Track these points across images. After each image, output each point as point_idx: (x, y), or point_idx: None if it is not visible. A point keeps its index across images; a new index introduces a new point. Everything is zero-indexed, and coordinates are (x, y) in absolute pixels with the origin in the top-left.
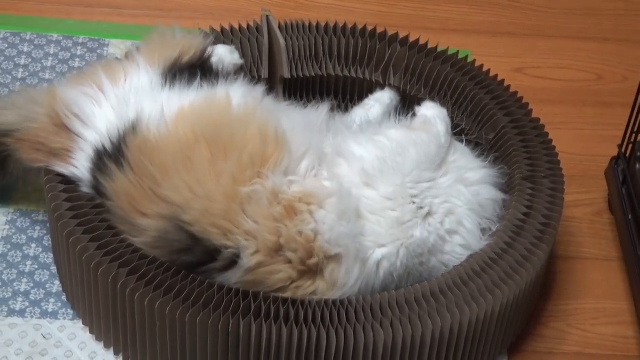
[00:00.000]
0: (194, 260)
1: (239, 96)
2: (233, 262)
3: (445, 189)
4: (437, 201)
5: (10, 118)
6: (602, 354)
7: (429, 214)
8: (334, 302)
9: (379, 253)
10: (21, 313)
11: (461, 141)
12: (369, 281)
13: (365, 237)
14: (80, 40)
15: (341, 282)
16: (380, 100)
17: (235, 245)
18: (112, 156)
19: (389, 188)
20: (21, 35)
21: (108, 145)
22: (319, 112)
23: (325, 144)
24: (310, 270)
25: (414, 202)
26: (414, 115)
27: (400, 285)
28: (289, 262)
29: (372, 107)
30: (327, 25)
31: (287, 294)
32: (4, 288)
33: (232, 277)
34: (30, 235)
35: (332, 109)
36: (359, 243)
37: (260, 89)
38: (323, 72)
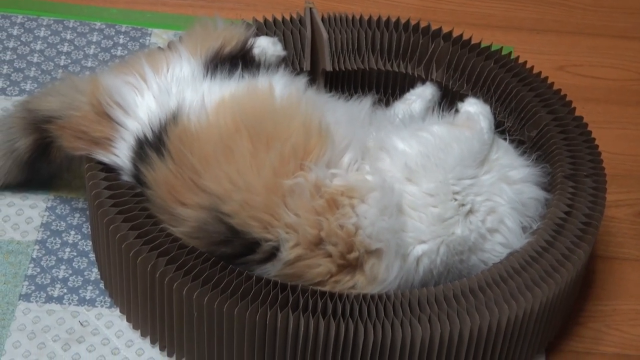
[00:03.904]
0: (233, 252)
1: (281, 86)
2: (272, 254)
3: (487, 186)
4: (479, 199)
5: (54, 105)
6: None
7: (470, 212)
8: (372, 296)
9: (419, 249)
10: (59, 300)
11: (504, 139)
12: (408, 277)
13: (406, 233)
14: (123, 29)
15: (381, 277)
16: (422, 95)
17: (275, 238)
18: (153, 145)
19: (430, 184)
20: (64, 22)
21: (149, 135)
22: (361, 106)
23: (368, 137)
24: (350, 265)
25: (455, 199)
26: (457, 111)
27: (439, 283)
28: (329, 255)
29: (413, 102)
30: (370, 18)
31: (326, 288)
32: (42, 274)
33: (271, 270)
34: (69, 222)
35: (373, 103)
36: (400, 239)
37: (302, 80)
38: (365, 65)
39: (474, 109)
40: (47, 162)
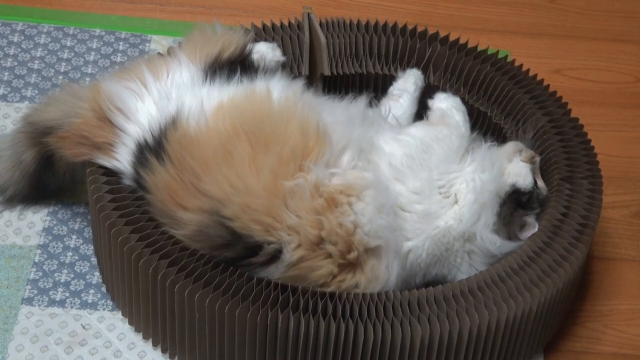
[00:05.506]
0: (235, 256)
1: (278, 90)
2: (275, 256)
3: (468, 175)
4: (463, 186)
5: (53, 114)
6: (638, 355)
7: (456, 202)
8: (372, 296)
9: (405, 247)
10: (61, 303)
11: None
12: (399, 273)
13: (399, 232)
14: (123, 36)
15: (382, 277)
16: (405, 88)
17: (278, 240)
18: (153, 150)
19: (417, 182)
20: (64, 29)
21: (149, 139)
22: (358, 105)
23: (365, 136)
24: (351, 264)
25: (440, 193)
26: (428, 108)
27: (427, 273)
28: (330, 256)
29: (400, 97)
30: (367, 23)
31: (331, 288)
32: (44, 278)
33: (275, 272)
34: (71, 226)
35: (370, 106)
36: (396, 237)
37: (299, 82)
38: (363, 69)
39: (445, 104)
40: (52, 174)
